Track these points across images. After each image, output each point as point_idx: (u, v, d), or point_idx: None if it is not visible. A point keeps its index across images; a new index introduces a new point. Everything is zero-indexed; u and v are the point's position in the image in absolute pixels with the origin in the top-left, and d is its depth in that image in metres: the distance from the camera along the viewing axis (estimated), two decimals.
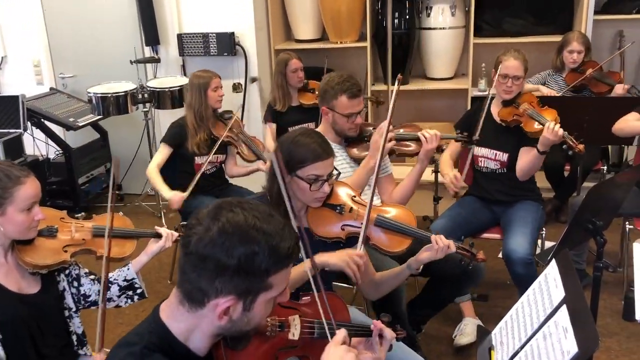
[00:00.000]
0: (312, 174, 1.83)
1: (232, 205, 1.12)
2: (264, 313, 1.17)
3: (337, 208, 1.96)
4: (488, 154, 2.96)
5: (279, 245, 1.10)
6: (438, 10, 4.43)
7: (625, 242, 3.26)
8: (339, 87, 2.45)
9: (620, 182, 2.35)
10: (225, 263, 1.07)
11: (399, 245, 2.00)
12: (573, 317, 1.21)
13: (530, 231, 2.77)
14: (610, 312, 3.04)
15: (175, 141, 3.37)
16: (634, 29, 4.51)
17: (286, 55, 3.85)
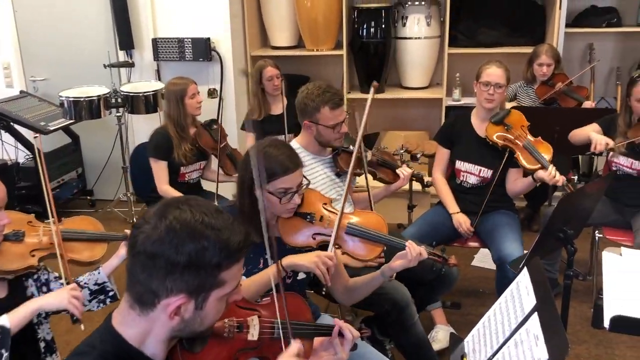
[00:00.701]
0: (282, 187, 1.82)
1: (179, 203, 1.11)
2: (217, 312, 1.16)
3: (308, 217, 1.95)
4: (472, 169, 2.96)
5: (229, 240, 1.09)
6: (414, 20, 4.48)
7: (594, 251, 3.31)
8: (320, 99, 2.40)
9: (590, 191, 2.39)
10: (175, 260, 1.05)
11: (370, 252, 2.00)
12: (544, 324, 1.22)
13: (519, 237, 2.80)
14: (580, 320, 3.08)
15: (163, 153, 3.28)
16: (603, 42, 4.62)
17: (262, 62, 3.81)
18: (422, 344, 2.41)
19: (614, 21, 4.42)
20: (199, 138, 3.35)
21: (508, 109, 2.93)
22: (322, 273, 1.80)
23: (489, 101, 2.86)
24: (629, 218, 3.03)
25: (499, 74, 2.83)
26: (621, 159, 3.01)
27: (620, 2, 4.56)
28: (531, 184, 2.79)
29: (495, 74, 2.83)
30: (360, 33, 4.49)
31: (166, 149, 3.28)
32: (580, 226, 2.38)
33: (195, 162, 3.38)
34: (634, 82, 2.90)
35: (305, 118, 2.46)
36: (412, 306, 2.35)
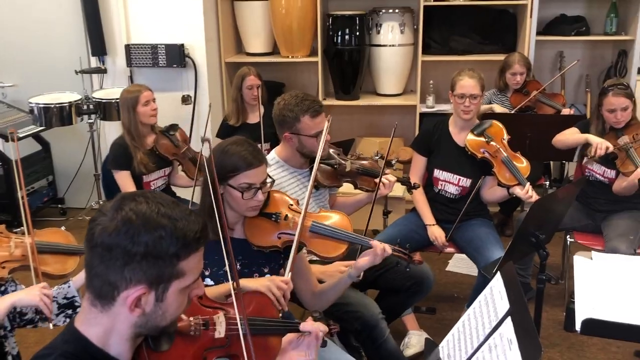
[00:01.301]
0: (244, 182, 1.81)
1: (136, 195, 1.12)
2: (179, 305, 1.15)
3: (273, 216, 1.95)
4: (451, 178, 2.95)
5: (186, 229, 1.10)
6: (388, 27, 4.51)
7: (566, 255, 3.36)
8: (299, 109, 2.31)
9: (561, 197, 2.43)
10: (132, 250, 1.05)
11: (334, 250, 2.00)
12: (517, 328, 1.23)
13: (500, 243, 2.81)
14: (553, 323, 3.12)
15: (123, 163, 3.23)
16: (573, 50, 4.72)
17: (245, 70, 3.76)
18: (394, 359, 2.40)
19: (583, 30, 4.52)
20: (158, 145, 3.29)
21: (490, 121, 2.92)
22: (276, 297, 1.75)
23: (466, 112, 2.85)
24: (599, 223, 3.08)
25: (472, 85, 2.80)
26: (595, 166, 3.06)
27: (589, 12, 4.66)
28: (506, 196, 2.81)
29: (469, 85, 2.81)
30: (334, 40, 4.50)
31: (125, 158, 3.22)
32: (552, 231, 2.42)
33: (157, 170, 3.32)
34: (605, 93, 2.95)
35: (285, 130, 2.35)
36: (382, 323, 2.31)
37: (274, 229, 1.94)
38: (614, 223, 2.97)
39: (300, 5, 4.45)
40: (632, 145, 2.86)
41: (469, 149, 2.86)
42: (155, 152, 3.30)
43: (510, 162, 2.77)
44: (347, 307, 2.22)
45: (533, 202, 2.63)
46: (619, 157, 2.90)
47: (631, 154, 2.84)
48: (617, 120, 2.92)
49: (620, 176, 2.91)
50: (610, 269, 1.75)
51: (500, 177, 2.77)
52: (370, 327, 2.29)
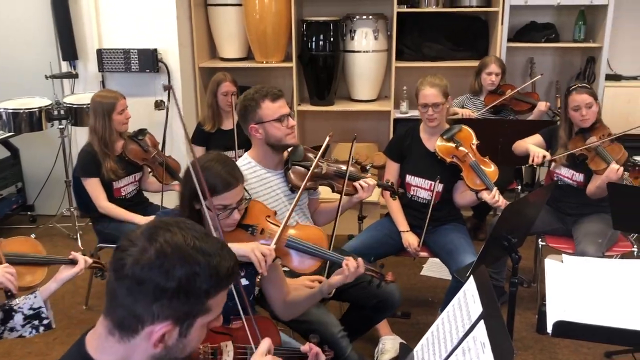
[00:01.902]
0: (220, 204, 1.80)
1: (169, 224, 1.07)
2: (199, 339, 1.12)
3: (249, 229, 1.94)
4: (422, 183, 2.97)
5: (219, 265, 1.06)
6: (361, 33, 4.54)
7: (538, 258, 3.41)
8: (259, 95, 2.33)
9: (532, 201, 2.47)
10: (165, 286, 1.01)
11: (309, 266, 2.00)
12: (490, 332, 1.24)
13: (474, 248, 2.83)
14: (526, 326, 3.16)
15: (92, 170, 3.16)
16: (543, 57, 4.81)
17: (221, 76, 3.74)
18: None
19: (553, 37, 4.61)
20: (126, 150, 3.24)
21: (459, 125, 2.95)
22: (258, 260, 1.78)
23: (430, 121, 2.89)
24: (570, 226, 3.13)
25: (433, 94, 2.83)
26: (562, 170, 3.12)
27: (558, 19, 4.76)
28: (475, 200, 2.83)
29: (430, 95, 2.83)
30: (309, 46, 4.51)
31: (94, 165, 3.16)
32: (524, 234, 2.45)
33: (127, 176, 3.27)
34: (569, 92, 3.02)
35: (250, 122, 2.34)
36: (342, 342, 2.25)
37: (250, 241, 1.93)
38: (584, 226, 3.02)
39: (274, 10, 4.45)
40: (600, 144, 2.92)
41: (438, 153, 2.88)
42: (124, 157, 3.25)
43: (478, 166, 2.79)
44: (307, 324, 2.19)
45: (500, 206, 2.66)
46: (588, 157, 2.95)
47: (600, 152, 2.90)
48: (583, 118, 2.97)
49: (594, 177, 2.95)
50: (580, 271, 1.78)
51: (468, 182, 2.79)
52: (329, 345, 2.26)
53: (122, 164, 3.24)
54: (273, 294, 2.02)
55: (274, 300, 2.03)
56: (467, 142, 2.89)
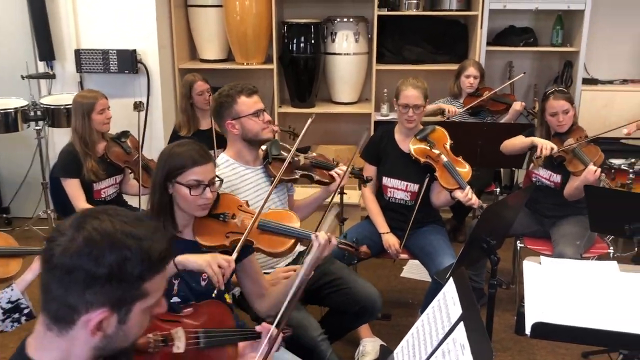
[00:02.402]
0: (192, 179, 1.84)
1: (97, 212, 1.06)
2: (141, 325, 1.11)
3: (221, 216, 1.96)
4: (398, 185, 2.99)
5: (152, 249, 1.05)
6: (342, 36, 4.55)
7: (516, 260, 3.44)
8: (234, 91, 2.37)
9: (511, 203, 2.49)
10: (96, 272, 1.00)
11: (281, 245, 2.01)
12: (470, 333, 1.24)
13: (453, 250, 2.85)
14: (504, 328, 3.19)
15: (73, 171, 3.12)
16: (522, 60, 4.86)
17: (191, 77, 3.74)
18: None
19: (531, 41, 4.67)
20: (109, 152, 3.21)
21: (433, 126, 2.98)
22: (215, 273, 1.76)
23: (409, 122, 2.90)
24: (548, 228, 3.17)
25: (416, 95, 2.85)
26: (541, 171, 3.15)
27: (536, 23, 4.82)
28: (449, 200, 2.84)
29: (412, 96, 2.85)
30: (290, 48, 4.51)
31: (75, 166, 3.12)
32: (503, 236, 2.47)
33: (108, 178, 3.24)
34: (547, 98, 3.06)
35: (227, 118, 2.36)
36: (322, 345, 2.26)
37: (222, 228, 1.95)
38: (562, 229, 3.06)
39: (255, 12, 4.44)
40: (577, 146, 2.95)
41: (412, 154, 2.90)
42: (106, 159, 3.22)
43: (451, 166, 2.80)
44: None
45: (473, 205, 2.68)
46: (566, 159, 2.98)
47: (578, 153, 2.93)
48: (559, 124, 3.01)
49: (571, 178, 2.99)
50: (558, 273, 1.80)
51: (442, 181, 2.80)
52: (309, 350, 2.26)
53: (104, 165, 3.20)
54: (251, 288, 2.03)
55: (253, 296, 2.04)
56: (440, 142, 2.91)
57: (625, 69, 4.93)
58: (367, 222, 3.11)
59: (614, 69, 4.90)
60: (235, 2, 4.42)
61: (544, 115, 3.09)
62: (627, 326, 1.53)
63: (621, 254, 3.77)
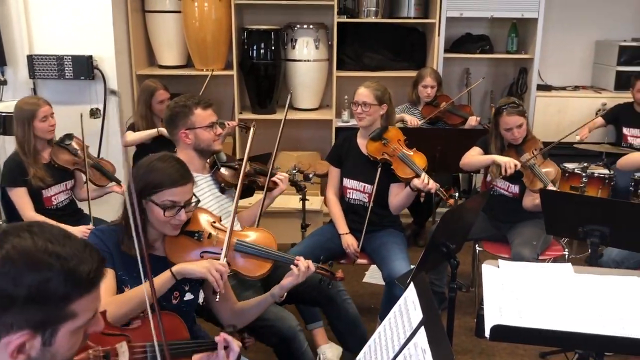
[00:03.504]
0: (168, 199, 1.77)
1: (19, 229, 1.01)
2: (70, 346, 1.06)
3: (196, 235, 1.90)
4: (356, 186, 3.03)
5: (78, 269, 1.00)
6: (302, 43, 4.56)
7: (475, 263, 3.50)
8: (191, 103, 2.40)
9: (469, 207, 2.53)
10: (13, 293, 0.96)
11: (259, 269, 1.99)
12: (430, 338, 1.25)
13: (406, 255, 2.89)
14: (465, 330, 3.23)
15: (18, 179, 3.02)
16: (478, 67, 4.97)
17: (152, 84, 3.67)
18: None
19: (487, 48, 4.77)
20: (55, 157, 3.12)
21: (385, 126, 3.04)
22: (215, 279, 1.77)
23: (359, 119, 3.00)
24: (505, 232, 3.23)
25: (364, 93, 2.96)
26: (499, 182, 3.22)
27: (492, 31, 4.93)
28: (409, 193, 2.87)
29: (361, 94, 2.97)
30: (250, 54, 4.50)
31: (20, 174, 3.02)
32: (462, 240, 2.51)
33: (57, 184, 3.15)
34: (500, 113, 3.11)
35: (181, 127, 2.40)
36: (300, 335, 2.31)
37: (196, 247, 1.90)
38: (518, 231, 3.12)
39: (214, 18, 4.41)
40: (534, 161, 3.02)
41: (369, 153, 2.96)
42: (53, 165, 3.13)
43: (405, 156, 2.89)
44: (264, 321, 2.19)
45: (431, 189, 2.73)
46: (524, 175, 3.05)
47: (536, 171, 3.00)
48: (514, 137, 3.09)
49: (529, 193, 3.06)
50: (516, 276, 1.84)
51: (399, 173, 2.87)
52: (289, 341, 2.29)
53: (51, 171, 3.11)
54: (220, 304, 1.99)
55: (222, 311, 2.01)
56: (394, 139, 2.98)
57: (577, 76, 5.10)
58: (329, 225, 3.14)
59: (566, 75, 5.06)
60: (194, 8, 4.38)
61: (497, 128, 3.15)
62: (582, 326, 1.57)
63: (576, 255, 3.88)
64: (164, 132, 3.60)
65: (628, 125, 4.35)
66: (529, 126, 3.16)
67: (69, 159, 3.18)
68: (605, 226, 2.34)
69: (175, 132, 2.43)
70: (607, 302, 1.68)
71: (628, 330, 1.56)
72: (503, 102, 3.14)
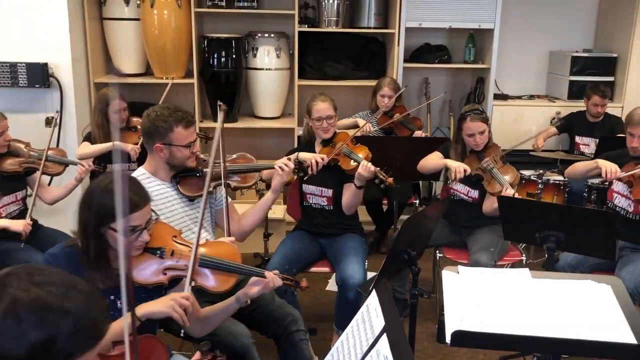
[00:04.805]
0: (129, 225, 1.71)
1: (20, 277, 0.91)
2: None
3: (158, 252, 1.86)
4: (315, 191, 3.08)
5: (83, 326, 0.92)
6: (264, 51, 4.56)
7: (436, 270, 3.55)
8: (173, 119, 2.32)
9: (429, 214, 2.56)
10: (15, 354, 0.87)
11: (225, 284, 1.96)
12: (392, 344, 1.27)
13: (362, 259, 2.92)
14: (427, 336, 3.26)
15: None
16: (437, 77, 5.06)
17: (108, 93, 3.60)
18: None
19: (445, 58, 4.87)
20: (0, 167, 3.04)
21: (334, 131, 3.09)
22: (180, 315, 1.72)
23: (325, 132, 3.05)
24: (465, 238, 3.28)
25: (326, 107, 3.02)
26: (459, 187, 3.27)
27: (450, 41, 5.03)
28: (355, 191, 2.90)
29: (323, 109, 3.01)
30: (211, 62, 4.47)
31: None
32: (423, 247, 2.54)
33: (7, 195, 3.04)
34: (464, 118, 3.18)
35: (157, 141, 2.34)
36: (253, 352, 2.25)
37: (159, 264, 1.86)
38: (477, 237, 3.18)
39: (174, 26, 4.37)
40: (494, 166, 3.09)
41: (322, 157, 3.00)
42: (2, 175, 3.03)
43: (348, 150, 2.97)
44: (216, 336, 2.15)
45: (373, 172, 2.79)
46: (484, 179, 3.12)
47: (495, 174, 3.07)
48: (476, 143, 3.16)
49: (488, 196, 3.12)
50: (475, 281, 1.87)
51: (344, 167, 2.94)
52: (240, 356, 2.23)
53: (2, 182, 3.02)
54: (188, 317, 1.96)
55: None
56: (342, 139, 3.05)
57: (532, 85, 5.25)
58: (298, 232, 3.17)
59: (522, 85, 5.20)
60: (153, 16, 4.34)
61: (460, 133, 3.21)
62: (539, 330, 1.61)
63: (533, 260, 3.97)
64: (120, 147, 3.53)
65: (580, 134, 4.50)
66: (490, 133, 3.23)
67: (13, 161, 3.09)
68: (561, 231, 2.41)
69: (151, 143, 2.36)
70: (563, 306, 1.73)
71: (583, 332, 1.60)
72: (467, 109, 3.22)
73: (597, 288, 1.82)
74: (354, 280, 2.78)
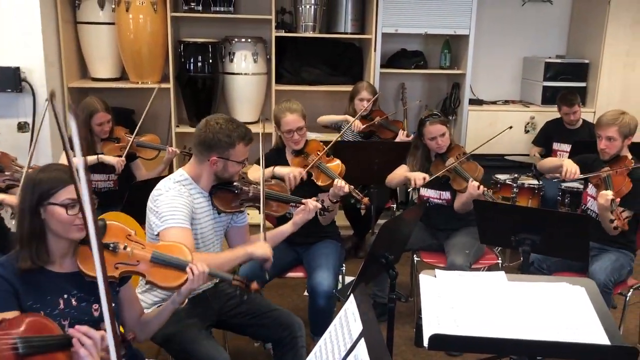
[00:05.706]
0: (67, 197, 1.74)
1: None
2: None
3: (110, 246, 1.86)
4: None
5: None
6: (241, 56, 4.55)
7: (414, 274, 3.56)
8: (237, 135, 2.28)
9: (406, 218, 2.58)
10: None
11: (175, 279, 1.95)
12: (370, 349, 1.26)
13: (332, 266, 2.90)
14: (405, 340, 3.27)
15: None
16: (413, 82, 5.11)
17: (92, 105, 3.43)
18: None
19: (421, 63, 4.91)
20: None
21: (306, 140, 3.08)
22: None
23: (296, 144, 3.02)
24: (442, 241, 3.31)
25: (295, 119, 2.97)
26: (430, 192, 3.31)
27: (426, 47, 5.08)
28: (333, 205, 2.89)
29: (292, 121, 2.96)
30: (187, 67, 4.45)
31: None
32: (400, 251, 2.55)
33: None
34: (423, 124, 3.23)
35: (214, 154, 2.29)
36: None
37: (111, 259, 1.85)
38: (453, 240, 3.21)
39: (149, 30, 4.34)
40: (458, 164, 3.14)
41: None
42: None
43: (324, 165, 2.98)
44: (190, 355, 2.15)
45: (344, 190, 2.79)
46: (451, 178, 3.17)
47: (460, 172, 3.12)
48: (439, 146, 3.22)
49: (458, 194, 3.17)
50: (452, 285, 1.88)
51: (319, 182, 2.95)
52: None
53: None
54: (128, 314, 1.99)
55: (129, 320, 2.00)
56: (314, 150, 3.05)
57: (507, 91, 5.32)
58: None
59: (497, 90, 5.27)
60: (128, 20, 4.30)
61: (422, 139, 3.25)
62: (515, 332, 1.63)
63: (509, 263, 4.01)
64: (105, 160, 3.46)
65: (558, 141, 4.56)
66: (451, 135, 3.28)
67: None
68: (536, 234, 2.44)
69: (206, 154, 2.31)
70: (538, 308, 1.75)
71: (558, 334, 1.62)
72: (426, 114, 3.28)
73: (571, 290, 1.85)
74: (323, 287, 2.77)
